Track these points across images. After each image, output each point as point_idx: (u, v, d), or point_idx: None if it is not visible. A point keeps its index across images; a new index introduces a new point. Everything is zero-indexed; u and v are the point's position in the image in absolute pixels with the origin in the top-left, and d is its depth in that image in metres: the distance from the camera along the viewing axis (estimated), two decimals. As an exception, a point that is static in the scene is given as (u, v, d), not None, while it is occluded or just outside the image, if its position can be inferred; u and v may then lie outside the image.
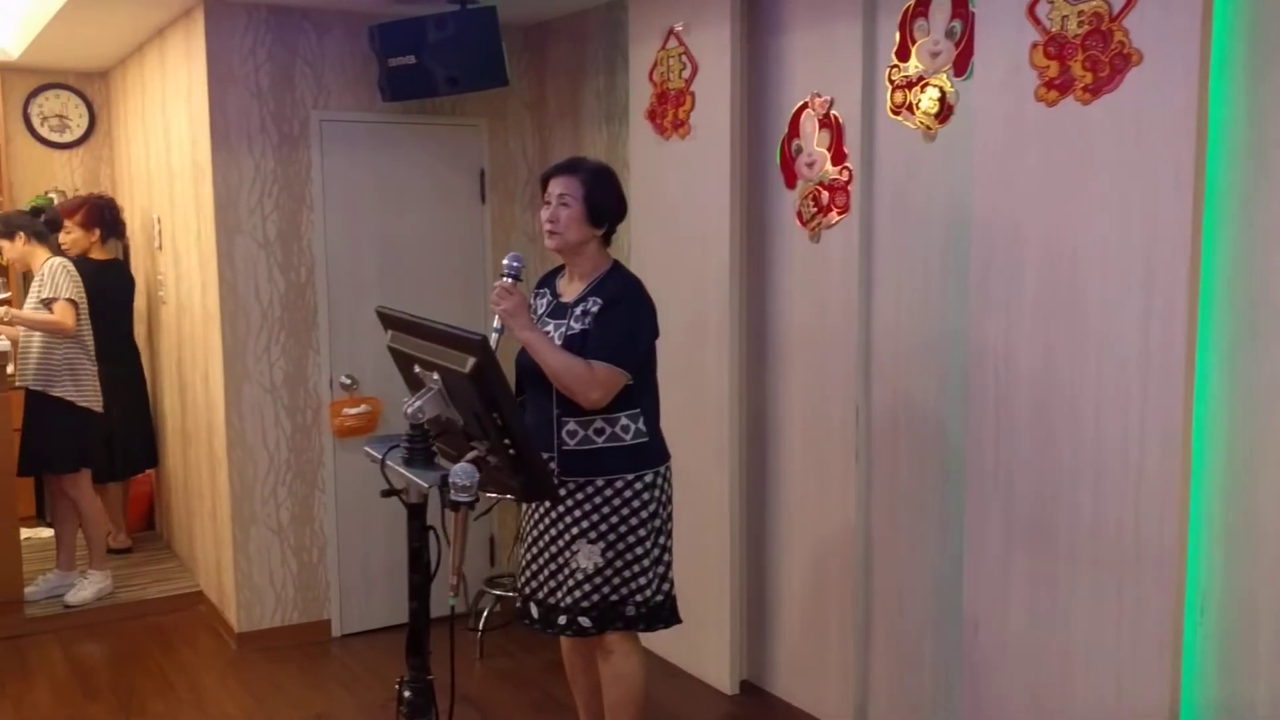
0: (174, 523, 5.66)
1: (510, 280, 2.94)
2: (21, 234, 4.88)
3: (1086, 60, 2.70)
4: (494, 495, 3.69)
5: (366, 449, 2.60)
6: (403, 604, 4.73)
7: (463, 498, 2.28)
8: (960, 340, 3.16)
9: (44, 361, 4.78)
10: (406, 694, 2.52)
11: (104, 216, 5.33)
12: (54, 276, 4.75)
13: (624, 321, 2.98)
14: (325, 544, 4.68)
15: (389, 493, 2.48)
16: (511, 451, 2.36)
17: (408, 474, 2.42)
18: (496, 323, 2.92)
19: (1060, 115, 2.79)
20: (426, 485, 2.35)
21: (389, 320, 2.68)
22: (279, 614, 4.62)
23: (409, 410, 2.45)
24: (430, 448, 2.48)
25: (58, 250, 5.01)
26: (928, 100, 3.24)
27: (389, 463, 2.46)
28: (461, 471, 2.29)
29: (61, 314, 4.73)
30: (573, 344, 2.96)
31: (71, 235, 5.28)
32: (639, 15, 4.14)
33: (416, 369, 2.53)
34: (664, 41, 4.02)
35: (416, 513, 2.50)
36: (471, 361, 2.30)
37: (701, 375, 3.95)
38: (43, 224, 5.02)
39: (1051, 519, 2.88)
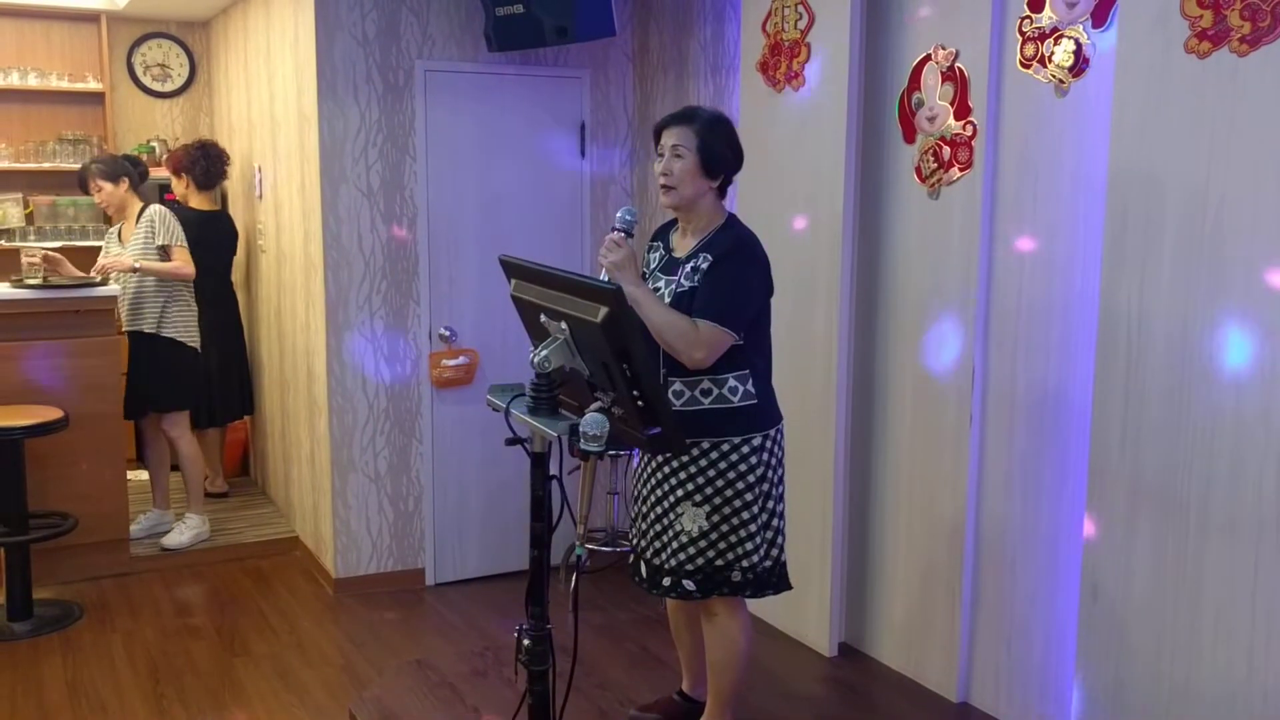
0: (270, 469, 5.75)
1: (621, 234, 2.87)
2: (126, 180, 4.94)
3: (1245, 9, 2.57)
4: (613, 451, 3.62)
5: (489, 397, 2.59)
6: (495, 556, 4.84)
7: (593, 447, 2.26)
8: (1089, 302, 3.06)
9: (155, 305, 4.88)
10: (526, 642, 2.52)
11: (183, 163, 5.34)
12: (165, 223, 4.83)
13: (733, 279, 2.88)
14: (421, 494, 4.72)
15: (513, 441, 2.47)
16: (640, 403, 2.33)
17: (534, 423, 2.41)
18: (603, 275, 2.84)
19: (1212, 68, 2.66)
20: (554, 434, 2.33)
21: (513, 269, 2.65)
22: (374, 561, 4.68)
23: (535, 360, 2.42)
24: (555, 397, 2.46)
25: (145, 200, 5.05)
26: (1062, 53, 3.11)
27: (514, 411, 2.45)
28: (593, 421, 2.26)
29: (184, 260, 4.83)
30: (681, 301, 2.89)
31: (177, 186, 5.38)
32: (752, -35, 4.05)
33: (543, 318, 2.50)
34: (779, -9, 3.93)
35: (540, 461, 2.48)
36: (604, 311, 2.26)
37: (809, 335, 3.89)
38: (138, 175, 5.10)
39: (1183, 489, 2.78)
